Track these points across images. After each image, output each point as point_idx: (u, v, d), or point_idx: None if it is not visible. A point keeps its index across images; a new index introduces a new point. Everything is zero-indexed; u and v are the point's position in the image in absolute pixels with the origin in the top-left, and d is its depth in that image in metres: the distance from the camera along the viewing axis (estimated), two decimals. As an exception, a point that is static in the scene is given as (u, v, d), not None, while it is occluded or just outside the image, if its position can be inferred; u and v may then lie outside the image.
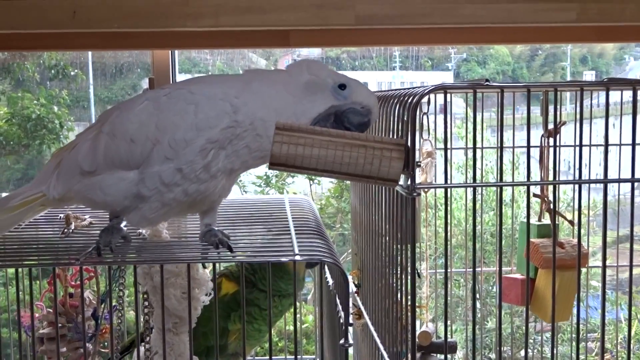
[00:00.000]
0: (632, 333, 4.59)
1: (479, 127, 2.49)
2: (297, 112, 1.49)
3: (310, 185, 6.53)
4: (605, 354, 2.87)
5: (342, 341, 1.42)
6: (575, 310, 1.68)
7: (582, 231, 1.64)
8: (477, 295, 2.88)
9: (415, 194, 1.42)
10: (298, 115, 1.48)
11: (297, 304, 2.15)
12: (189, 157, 1.47)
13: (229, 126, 1.48)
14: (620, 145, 2.17)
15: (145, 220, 1.56)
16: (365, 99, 1.54)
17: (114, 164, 1.53)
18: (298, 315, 2.16)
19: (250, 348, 2.23)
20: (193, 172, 1.48)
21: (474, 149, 1.54)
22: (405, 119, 1.48)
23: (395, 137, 1.58)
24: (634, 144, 1.49)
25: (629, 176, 1.54)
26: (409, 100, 1.47)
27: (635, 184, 1.56)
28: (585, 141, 2.16)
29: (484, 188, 4.48)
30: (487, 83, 1.50)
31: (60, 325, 1.88)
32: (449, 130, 1.55)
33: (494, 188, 1.52)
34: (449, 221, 1.52)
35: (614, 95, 2.14)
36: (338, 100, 1.52)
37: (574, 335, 1.64)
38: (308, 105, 1.51)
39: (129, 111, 1.55)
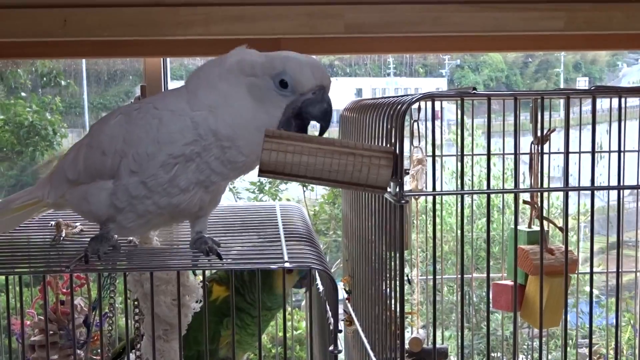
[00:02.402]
0: (625, 338, 4.60)
1: (470, 134, 2.51)
2: (259, 126, 1.44)
3: (304, 191, 6.54)
4: (599, 359, 2.88)
5: (331, 347, 1.43)
6: (565, 316, 1.69)
7: (574, 237, 1.65)
8: (470, 302, 2.88)
9: (403, 201, 1.43)
10: (260, 129, 1.42)
11: (289, 309, 2.15)
12: (151, 170, 1.48)
13: (194, 140, 1.47)
14: (610, 152, 2.18)
15: (125, 229, 1.58)
16: (310, 82, 1.47)
17: (92, 174, 1.56)
18: (289, 323, 2.17)
19: (243, 353, 2.24)
20: (159, 185, 1.49)
21: (462, 156, 1.55)
22: (393, 127, 1.49)
23: (384, 144, 1.59)
24: (620, 151, 1.51)
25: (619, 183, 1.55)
26: (398, 108, 1.48)
27: (626, 191, 1.57)
28: (576, 148, 2.18)
29: (476, 195, 4.50)
30: (475, 91, 1.51)
31: (52, 332, 1.88)
32: (437, 137, 1.56)
33: (486, 198, 1.53)
34: (437, 228, 1.53)
35: (606, 102, 2.16)
36: (287, 98, 1.48)
37: (568, 342, 1.65)
38: (264, 117, 1.47)
39: (105, 124, 1.58)
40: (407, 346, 2.09)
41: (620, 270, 1.59)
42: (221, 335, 2.04)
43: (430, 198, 2.42)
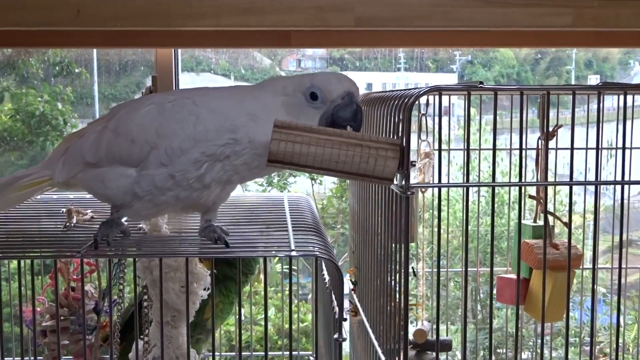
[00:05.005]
0: (631, 337, 4.60)
1: (478, 129, 2.52)
2: None
3: (312, 185, 6.56)
4: (604, 358, 2.89)
5: (336, 335, 1.45)
6: (571, 312, 1.70)
7: (580, 234, 1.66)
8: (476, 297, 2.90)
9: (409, 193, 1.45)
10: None
11: (295, 301, 2.18)
12: (182, 166, 1.50)
13: (227, 143, 1.50)
14: (616, 148, 2.19)
15: (139, 215, 1.62)
16: (338, 89, 1.54)
17: (114, 159, 1.57)
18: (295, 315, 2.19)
19: (222, 322, 2.37)
20: (185, 180, 1.52)
21: (468, 150, 1.57)
22: (400, 119, 1.51)
23: (391, 137, 1.60)
24: (624, 148, 1.52)
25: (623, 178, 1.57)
26: (405, 101, 1.50)
27: (633, 191, 1.58)
28: (583, 145, 2.19)
29: (485, 190, 4.49)
30: (481, 85, 1.53)
31: (63, 317, 1.91)
32: (445, 131, 1.57)
33: (491, 191, 1.55)
34: (442, 220, 1.54)
35: (617, 100, 2.16)
36: (319, 109, 1.54)
37: (574, 339, 1.66)
38: None
39: (134, 111, 1.59)
40: (411, 337, 2.11)
41: (623, 266, 1.61)
42: (206, 305, 2.07)
43: (436, 193, 2.44)
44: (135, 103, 1.67)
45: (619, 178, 1.59)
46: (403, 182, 1.45)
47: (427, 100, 2.12)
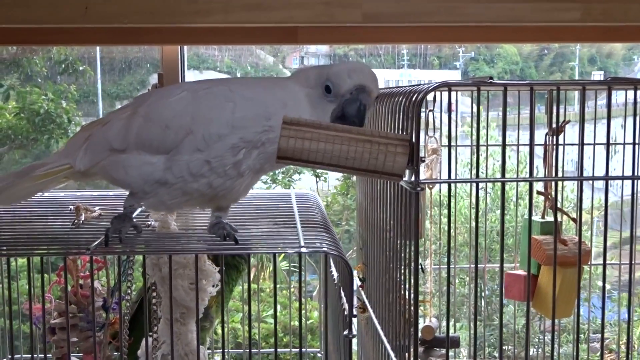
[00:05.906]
0: (637, 333, 4.60)
1: (485, 124, 2.51)
2: None
3: (317, 182, 6.57)
4: (610, 354, 2.89)
5: (345, 332, 1.45)
6: (577, 308, 1.70)
7: (588, 231, 1.66)
8: (482, 294, 2.89)
9: (419, 188, 1.45)
10: None
11: (303, 299, 2.18)
12: (219, 151, 1.51)
13: (264, 130, 1.52)
14: (625, 144, 2.19)
15: (163, 205, 1.60)
16: (347, 84, 1.54)
17: (144, 146, 1.56)
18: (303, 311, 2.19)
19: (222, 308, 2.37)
20: (221, 166, 1.52)
21: (478, 146, 1.56)
22: (409, 115, 1.51)
23: (400, 133, 1.60)
24: (634, 143, 1.52)
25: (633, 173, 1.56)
26: (414, 97, 1.50)
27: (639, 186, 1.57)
28: (591, 141, 2.18)
29: (491, 187, 4.49)
30: (491, 81, 1.53)
31: (71, 315, 1.91)
32: (453, 127, 1.57)
33: (501, 187, 1.55)
34: (452, 216, 1.54)
35: (621, 97, 2.16)
36: (332, 102, 1.56)
37: (580, 336, 1.65)
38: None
39: (167, 98, 1.60)
40: (419, 334, 2.11)
41: (633, 262, 1.60)
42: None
43: (444, 188, 2.43)
44: (164, 91, 1.68)
45: (627, 173, 1.59)
46: (412, 178, 1.45)
47: (434, 97, 2.12)
